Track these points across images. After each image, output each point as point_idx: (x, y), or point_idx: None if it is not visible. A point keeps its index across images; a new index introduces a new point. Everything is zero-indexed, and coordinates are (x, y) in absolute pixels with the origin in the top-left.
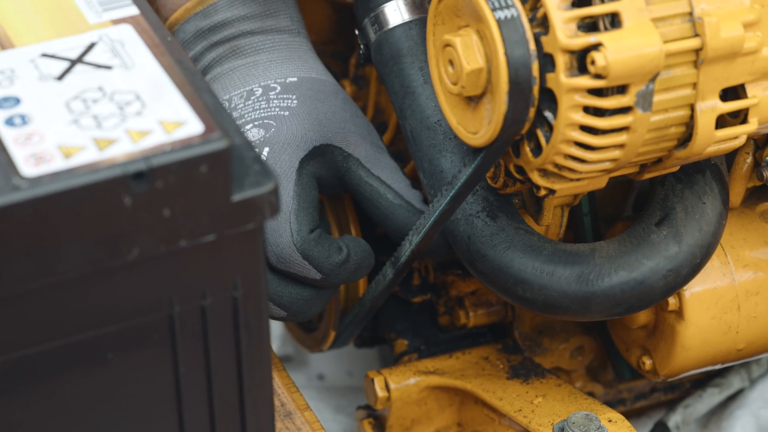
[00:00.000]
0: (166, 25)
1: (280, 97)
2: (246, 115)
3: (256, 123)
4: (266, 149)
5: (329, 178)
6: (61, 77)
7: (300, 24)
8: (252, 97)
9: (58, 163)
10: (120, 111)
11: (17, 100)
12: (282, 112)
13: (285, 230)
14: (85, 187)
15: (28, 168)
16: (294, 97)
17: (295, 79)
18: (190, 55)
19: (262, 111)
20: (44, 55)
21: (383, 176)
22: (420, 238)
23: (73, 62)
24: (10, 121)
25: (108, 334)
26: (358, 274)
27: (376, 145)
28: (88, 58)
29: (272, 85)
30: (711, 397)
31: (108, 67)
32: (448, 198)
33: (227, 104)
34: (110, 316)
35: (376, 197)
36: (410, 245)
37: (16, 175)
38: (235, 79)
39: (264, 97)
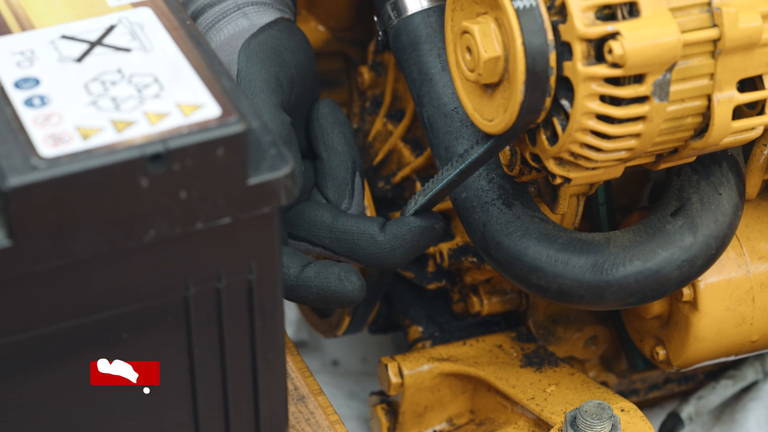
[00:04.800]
0: None
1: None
2: None
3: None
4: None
5: None
6: (80, 59)
7: (291, 12)
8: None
9: (76, 144)
10: (138, 93)
11: (37, 81)
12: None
13: None
14: (103, 168)
15: (46, 148)
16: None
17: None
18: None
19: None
20: (64, 36)
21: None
22: (424, 202)
23: (93, 44)
24: (29, 102)
25: (123, 315)
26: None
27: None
28: (107, 40)
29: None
30: (725, 389)
31: (127, 50)
32: (457, 171)
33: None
34: (126, 297)
35: None
36: (415, 207)
37: (35, 155)
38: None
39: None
